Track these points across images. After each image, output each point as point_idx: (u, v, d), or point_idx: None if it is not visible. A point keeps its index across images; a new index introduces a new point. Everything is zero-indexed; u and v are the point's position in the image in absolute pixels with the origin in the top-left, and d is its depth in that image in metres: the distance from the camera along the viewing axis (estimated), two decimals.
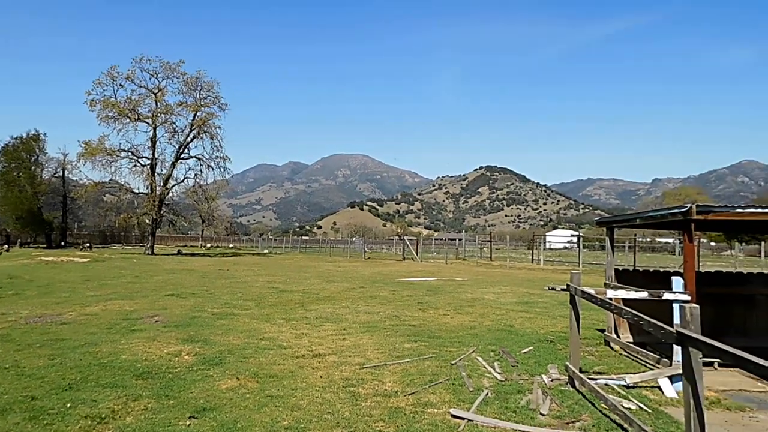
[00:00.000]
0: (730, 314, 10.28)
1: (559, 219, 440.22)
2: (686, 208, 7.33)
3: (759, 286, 10.31)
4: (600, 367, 8.51)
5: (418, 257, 49.69)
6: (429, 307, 15.12)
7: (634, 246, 47.73)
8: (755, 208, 7.29)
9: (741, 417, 6.33)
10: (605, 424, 5.75)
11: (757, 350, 9.53)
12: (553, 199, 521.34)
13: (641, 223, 9.31)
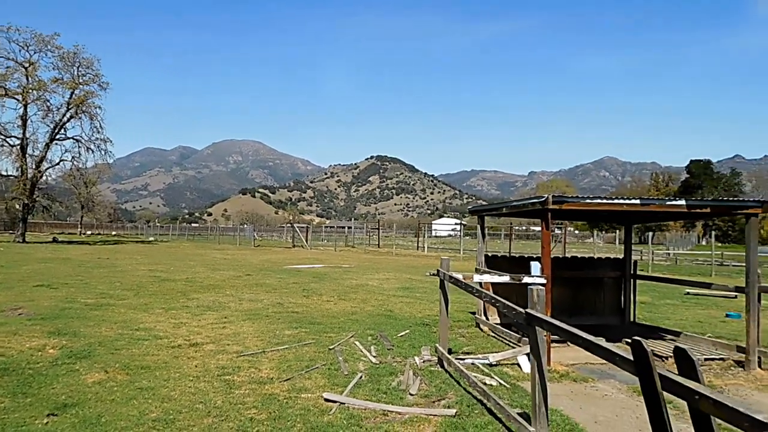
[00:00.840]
0: (584, 295, 11.05)
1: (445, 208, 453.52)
2: (543, 198, 7.74)
3: (607, 269, 11.15)
4: (469, 348, 8.86)
5: (308, 245, 49.47)
6: (313, 293, 15.10)
7: (509, 233, 50.00)
8: (601, 199, 7.86)
9: (584, 387, 6.83)
10: (467, 401, 6.00)
11: (605, 327, 10.37)
12: (440, 189, 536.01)
13: (507, 212, 9.76)
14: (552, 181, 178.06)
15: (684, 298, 16.61)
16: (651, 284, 17.38)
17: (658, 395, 2.87)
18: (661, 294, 17.29)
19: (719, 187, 72.66)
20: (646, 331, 10.14)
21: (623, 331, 10.10)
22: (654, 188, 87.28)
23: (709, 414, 2.56)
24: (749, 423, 2.16)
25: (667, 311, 13.86)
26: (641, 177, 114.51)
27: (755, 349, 7.72)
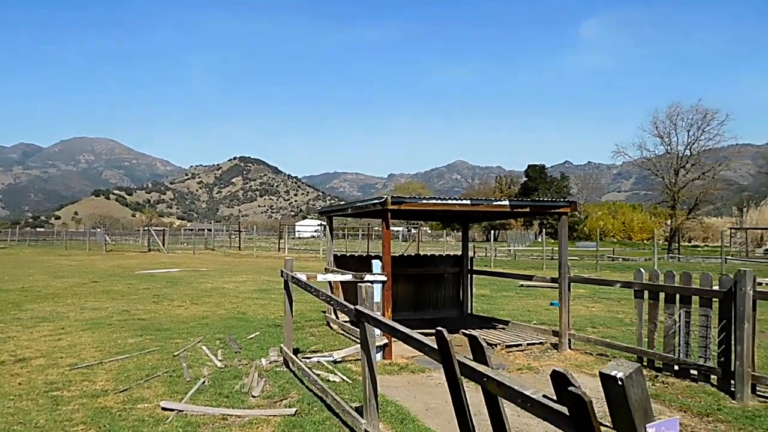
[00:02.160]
0: (427, 290, 11.49)
1: (309, 209, 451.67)
2: (383, 199, 7.93)
3: (447, 266, 11.69)
4: (317, 346, 8.86)
5: (164, 248, 47.09)
6: (164, 299, 14.38)
7: (368, 233, 50.97)
8: (436, 199, 8.21)
9: (421, 377, 7.09)
10: (308, 399, 5.99)
11: (445, 319, 10.81)
12: (304, 191, 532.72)
13: (353, 213, 9.88)
14: (409, 183, 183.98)
15: (518, 290, 17.82)
16: (491, 278, 18.47)
17: (457, 380, 3.03)
18: (500, 287, 18.42)
19: (552, 189, 79.11)
20: (481, 322, 10.75)
21: (461, 323, 10.61)
22: (499, 190, 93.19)
23: (496, 394, 2.74)
24: (521, 398, 2.33)
25: (502, 302, 14.78)
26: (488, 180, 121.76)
27: (566, 333, 8.47)
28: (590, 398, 1.79)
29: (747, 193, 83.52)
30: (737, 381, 6.14)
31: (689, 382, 6.78)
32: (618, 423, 1.79)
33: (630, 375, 1.72)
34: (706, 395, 6.29)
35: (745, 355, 6.08)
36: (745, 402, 6.00)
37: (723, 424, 5.38)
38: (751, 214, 56.39)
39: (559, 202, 8.69)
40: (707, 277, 6.83)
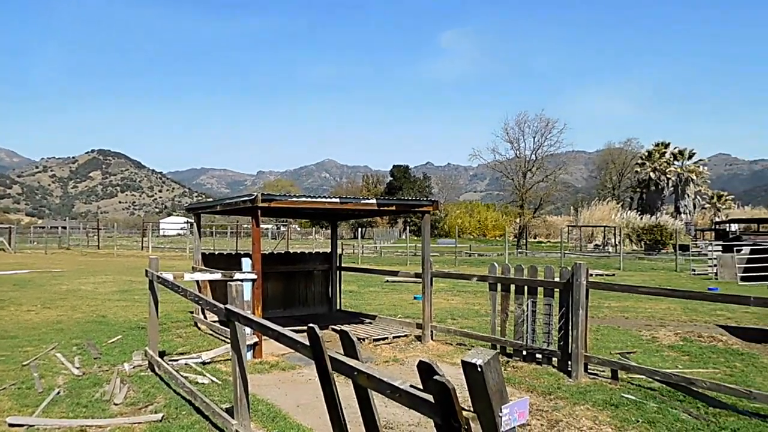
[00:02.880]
0: (297, 287, 11.44)
1: (174, 206, 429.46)
2: (254, 196, 7.77)
3: (317, 263, 11.72)
4: (184, 348, 8.50)
5: (11, 248, 42.64)
6: (11, 303, 13.04)
7: (236, 231, 49.58)
8: (306, 197, 8.21)
9: (291, 374, 7.05)
10: (176, 403, 5.74)
11: (314, 316, 10.81)
12: (169, 187, 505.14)
13: (222, 210, 9.60)
14: (278, 180, 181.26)
15: (384, 286, 18.26)
16: (358, 274, 18.77)
17: (329, 375, 3.07)
18: (367, 283, 18.76)
19: (415, 189, 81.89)
20: (350, 317, 10.89)
21: (331, 319, 10.68)
22: (366, 189, 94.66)
23: (366, 386, 2.81)
24: (390, 389, 2.42)
25: (370, 298, 15.08)
26: (356, 179, 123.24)
27: (429, 325, 8.85)
28: (453, 386, 1.91)
29: (581, 194, 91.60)
30: (573, 361, 6.77)
31: (535, 365, 7.35)
32: (478, 406, 1.93)
33: (488, 362, 1.86)
34: (549, 376, 6.86)
35: (580, 338, 6.72)
36: (579, 380, 6.63)
37: (562, 400, 5.90)
38: (584, 214, 62.04)
39: (423, 201, 9.03)
40: (550, 269, 7.45)
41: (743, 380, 6.68)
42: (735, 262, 21.00)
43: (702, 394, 6.02)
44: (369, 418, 2.97)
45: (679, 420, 5.29)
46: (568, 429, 5.11)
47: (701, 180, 64.37)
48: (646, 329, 10.16)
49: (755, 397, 5.44)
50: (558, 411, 5.57)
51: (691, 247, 35.58)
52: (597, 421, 5.29)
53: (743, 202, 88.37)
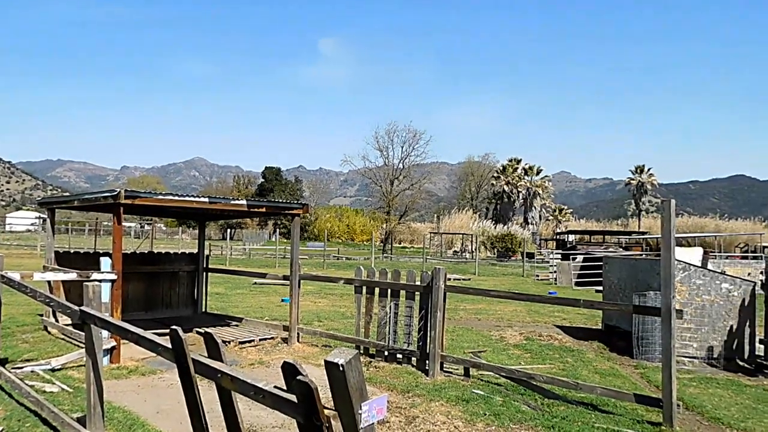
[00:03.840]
0: (160, 289, 10.86)
1: (24, 200, 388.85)
2: (116, 192, 7.30)
3: (183, 263, 11.22)
4: (31, 354, 7.73)
5: None
6: None
7: (95, 228, 45.97)
8: (173, 195, 7.83)
9: (152, 379, 6.69)
10: (18, 414, 5.21)
11: (179, 318, 10.33)
12: (18, 178, 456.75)
13: (80, 205, 8.90)
14: (143, 177, 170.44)
15: (252, 288, 17.88)
16: (226, 276, 18.18)
17: (191, 378, 2.97)
18: (234, 285, 18.24)
19: (286, 191, 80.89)
20: (216, 319, 10.54)
21: (196, 321, 10.26)
22: (236, 189, 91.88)
23: (229, 389, 2.76)
24: (254, 391, 2.40)
25: (237, 300, 14.69)
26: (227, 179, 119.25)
27: (296, 327, 8.81)
28: (316, 385, 1.94)
29: (443, 203, 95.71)
30: (431, 361, 7.08)
31: (396, 365, 7.58)
32: (339, 404, 1.98)
33: (349, 361, 1.92)
34: (408, 375, 7.11)
35: (437, 338, 7.04)
36: (436, 378, 6.94)
37: (419, 397, 6.14)
38: (445, 221, 64.99)
39: (294, 204, 8.98)
40: (412, 274, 7.73)
41: (573, 373, 7.37)
42: (571, 269, 23.06)
43: (540, 387, 6.56)
44: (232, 422, 2.92)
45: (519, 411, 5.72)
46: (424, 424, 5.32)
47: (546, 194, 69.97)
48: (495, 330, 10.84)
49: (581, 387, 6.05)
50: (415, 407, 5.79)
51: (536, 254, 38.50)
52: (450, 415, 5.56)
53: (579, 216, 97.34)
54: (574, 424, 5.36)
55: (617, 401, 6.04)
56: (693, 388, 6.96)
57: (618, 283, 10.09)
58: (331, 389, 2.00)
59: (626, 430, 5.25)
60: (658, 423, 5.44)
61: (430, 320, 7.17)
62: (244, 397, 2.56)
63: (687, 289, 8.40)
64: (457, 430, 5.22)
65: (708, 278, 8.53)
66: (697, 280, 8.46)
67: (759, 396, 6.73)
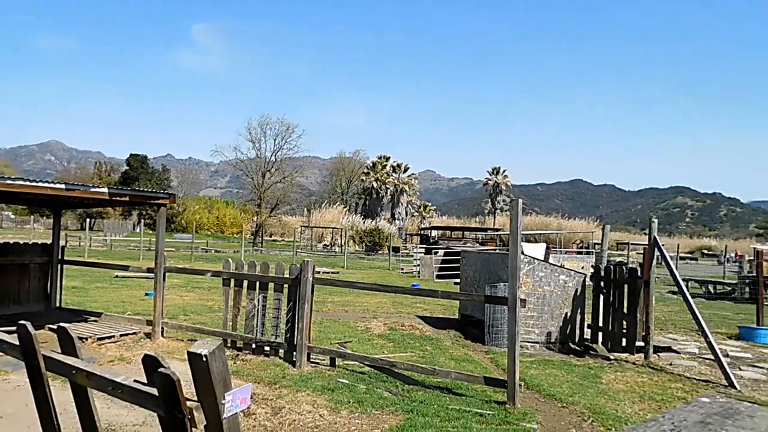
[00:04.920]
0: (7, 283, 9.82)
1: None
2: None
3: (34, 255, 10.22)
4: None
5: None
6: None
7: None
8: (24, 180, 7.09)
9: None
10: None
11: (29, 314, 9.43)
12: None
13: None
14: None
15: (113, 281, 16.72)
16: (85, 269, 16.80)
17: (42, 376, 2.76)
18: (94, 278, 16.95)
19: (153, 180, 76.16)
20: (72, 315, 9.73)
21: (49, 317, 9.39)
22: (98, 177, 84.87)
23: (85, 386, 2.60)
24: (112, 386, 2.29)
25: (96, 294, 13.66)
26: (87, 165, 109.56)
27: (160, 321, 8.39)
28: (178, 377, 1.90)
29: (314, 197, 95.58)
30: (298, 352, 7.09)
31: (264, 357, 7.50)
32: (202, 395, 1.95)
33: (213, 351, 1.90)
34: (276, 366, 7.07)
35: (304, 330, 7.08)
36: (303, 368, 6.98)
37: (286, 388, 6.14)
38: (316, 215, 65.04)
39: (159, 193, 8.52)
40: (281, 266, 7.69)
41: (431, 360, 7.75)
42: (433, 262, 24.13)
43: (401, 374, 6.83)
44: (88, 422, 2.75)
45: (382, 398, 5.92)
46: (290, 414, 5.34)
47: (413, 191, 72.39)
48: (361, 321, 11.08)
49: (438, 373, 6.40)
50: (282, 398, 5.78)
51: (402, 249, 39.77)
52: (316, 404, 5.63)
53: (442, 213, 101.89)
54: (431, 407, 5.66)
55: (469, 384, 6.47)
56: (534, 369, 7.62)
57: (473, 275, 10.75)
58: (194, 381, 1.96)
59: (476, 410, 5.64)
60: (503, 402, 5.90)
61: (298, 312, 7.19)
62: (103, 394, 2.43)
63: (531, 280, 9.16)
64: (322, 418, 5.29)
65: (549, 271, 9.36)
66: (540, 273, 9.26)
67: (584, 373, 7.53)
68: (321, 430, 5.01)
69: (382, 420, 5.28)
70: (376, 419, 5.30)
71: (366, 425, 5.14)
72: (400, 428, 5.02)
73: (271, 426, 5.06)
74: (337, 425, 5.13)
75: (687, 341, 10.48)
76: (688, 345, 10.06)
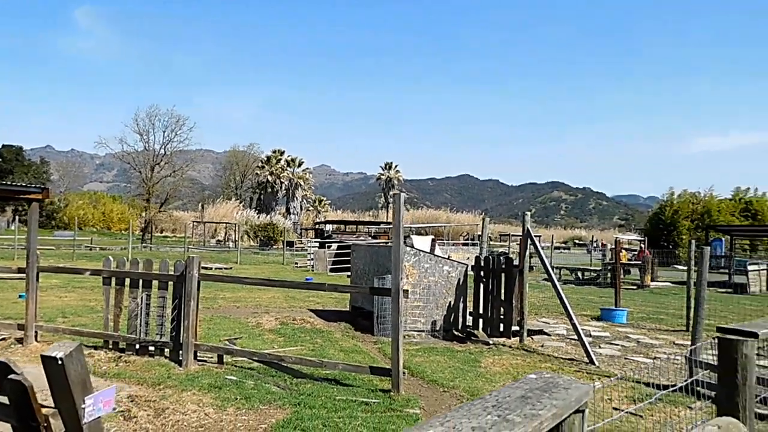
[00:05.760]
0: None
1: None
2: None
3: None
4: None
5: None
6: None
7: None
8: None
9: None
10: None
11: None
12: None
13: None
14: None
15: None
16: None
17: None
18: None
19: (30, 174, 69.62)
20: None
21: None
22: None
23: None
24: None
25: None
26: None
27: (32, 325, 7.73)
28: (31, 383, 1.79)
29: (207, 192, 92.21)
30: (184, 351, 6.84)
31: (149, 358, 7.15)
32: (59, 400, 1.84)
33: (70, 353, 1.80)
34: (160, 367, 6.77)
35: (191, 327, 6.84)
36: (189, 367, 6.74)
37: (170, 389, 5.91)
38: (210, 210, 62.73)
39: (30, 187, 7.84)
40: (165, 263, 7.37)
41: (321, 353, 7.78)
42: (326, 256, 24.16)
43: (290, 368, 6.80)
44: None
45: (269, 392, 5.87)
46: (174, 414, 5.15)
47: (308, 186, 71.81)
48: (253, 316, 10.86)
49: (325, 365, 6.45)
50: (166, 399, 5.56)
51: (297, 243, 39.45)
52: (201, 403, 5.47)
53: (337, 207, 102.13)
54: (318, 399, 5.69)
55: (357, 375, 6.57)
56: (419, 357, 7.88)
57: (363, 267, 10.91)
58: (49, 386, 1.85)
59: (362, 399, 5.74)
60: (388, 390, 6.05)
61: (184, 310, 6.93)
62: None
63: (417, 271, 9.46)
64: (207, 416, 5.16)
65: (433, 262, 9.71)
66: (426, 264, 9.58)
67: (465, 359, 7.92)
68: (206, 429, 4.88)
69: (269, 415, 5.24)
70: (263, 414, 5.25)
71: (253, 421, 5.08)
72: (287, 422, 5.01)
73: (153, 428, 4.85)
74: (222, 423, 5.02)
75: (558, 324, 11.31)
76: (558, 327, 10.87)
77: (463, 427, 1.06)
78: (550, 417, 1.17)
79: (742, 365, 2.24)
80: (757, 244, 43.49)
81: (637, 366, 7.90)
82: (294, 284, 7.90)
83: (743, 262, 25.67)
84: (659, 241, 43.40)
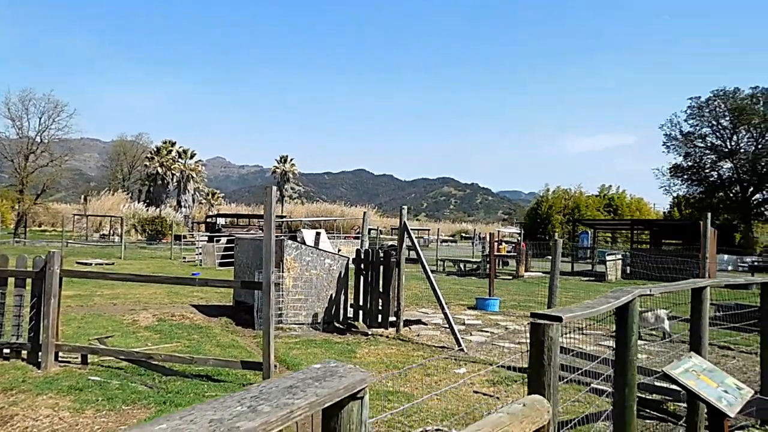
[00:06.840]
0: None
1: None
2: None
3: None
4: None
5: None
6: None
7: None
8: None
9: None
10: None
11: None
12: None
13: None
14: None
15: None
16: None
17: None
18: None
19: None
20: None
21: None
22: None
23: None
24: None
25: None
26: None
27: None
28: None
29: (93, 183, 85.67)
30: (43, 352, 6.33)
31: (3, 361, 6.55)
32: None
33: None
34: (16, 370, 6.23)
35: (51, 327, 6.34)
36: (49, 369, 6.25)
37: (24, 393, 5.44)
38: (94, 203, 58.32)
39: None
40: (23, 259, 6.76)
41: (196, 349, 7.51)
42: (215, 250, 23.34)
43: (160, 366, 6.50)
44: None
45: (135, 392, 5.58)
46: (23, 421, 4.75)
47: (200, 178, 68.81)
48: (130, 314, 10.27)
49: (196, 361, 6.24)
50: (17, 405, 5.11)
51: (187, 237, 37.77)
52: (57, 407, 5.09)
53: (232, 200, 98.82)
54: (186, 396, 5.49)
55: (230, 370, 6.42)
56: (296, 349, 7.84)
57: (246, 261, 10.66)
58: None
59: None
60: None
61: (44, 308, 6.41)
62: None
63: (299, 265, 9.39)
64: (62, 421, 4.81)
65: (315, 255, 9.69)
66: (307, 257, 9.54)
67: (342, 350, 7.99)
68: None
69: (131, 415, 4.98)
70: (125, 415, 4.98)
71: (112, 423, 4.80)
72: (149, 422, 4.78)
73: None
74: (78, 427, 4.70)
75: (435, 314, 11.71)
76: (435, 317, 11.27)
77: (203, 419, 1.06)
78: (305, 406, 1.19)
79: (548, 347, 2.44)
80: (617, 236, 47.78)
81: (501, 351, 8.39)
82: (160, 279, 7.47)
83: (604, 253, 28.11)
84: (536, 234, 46.42)
